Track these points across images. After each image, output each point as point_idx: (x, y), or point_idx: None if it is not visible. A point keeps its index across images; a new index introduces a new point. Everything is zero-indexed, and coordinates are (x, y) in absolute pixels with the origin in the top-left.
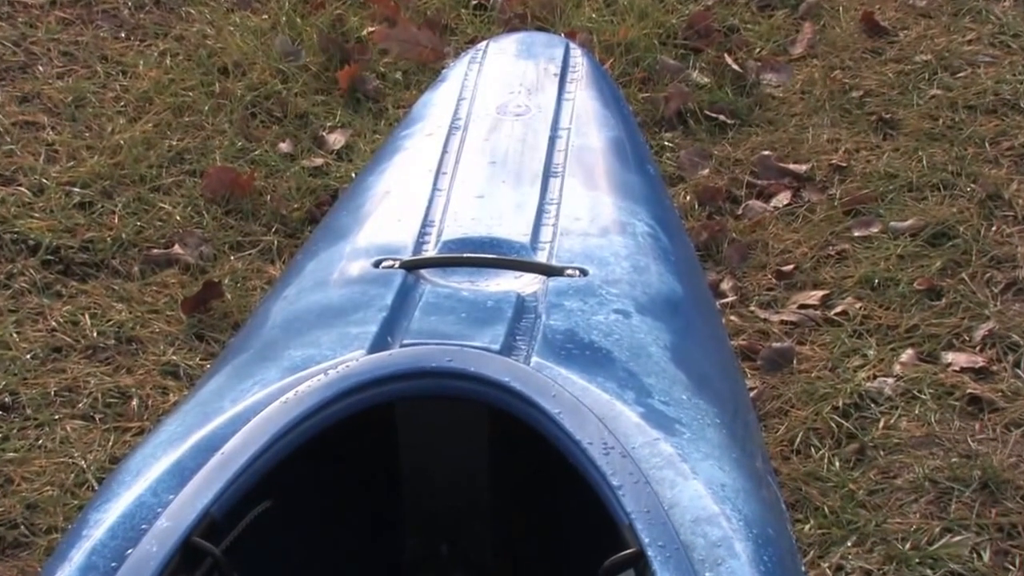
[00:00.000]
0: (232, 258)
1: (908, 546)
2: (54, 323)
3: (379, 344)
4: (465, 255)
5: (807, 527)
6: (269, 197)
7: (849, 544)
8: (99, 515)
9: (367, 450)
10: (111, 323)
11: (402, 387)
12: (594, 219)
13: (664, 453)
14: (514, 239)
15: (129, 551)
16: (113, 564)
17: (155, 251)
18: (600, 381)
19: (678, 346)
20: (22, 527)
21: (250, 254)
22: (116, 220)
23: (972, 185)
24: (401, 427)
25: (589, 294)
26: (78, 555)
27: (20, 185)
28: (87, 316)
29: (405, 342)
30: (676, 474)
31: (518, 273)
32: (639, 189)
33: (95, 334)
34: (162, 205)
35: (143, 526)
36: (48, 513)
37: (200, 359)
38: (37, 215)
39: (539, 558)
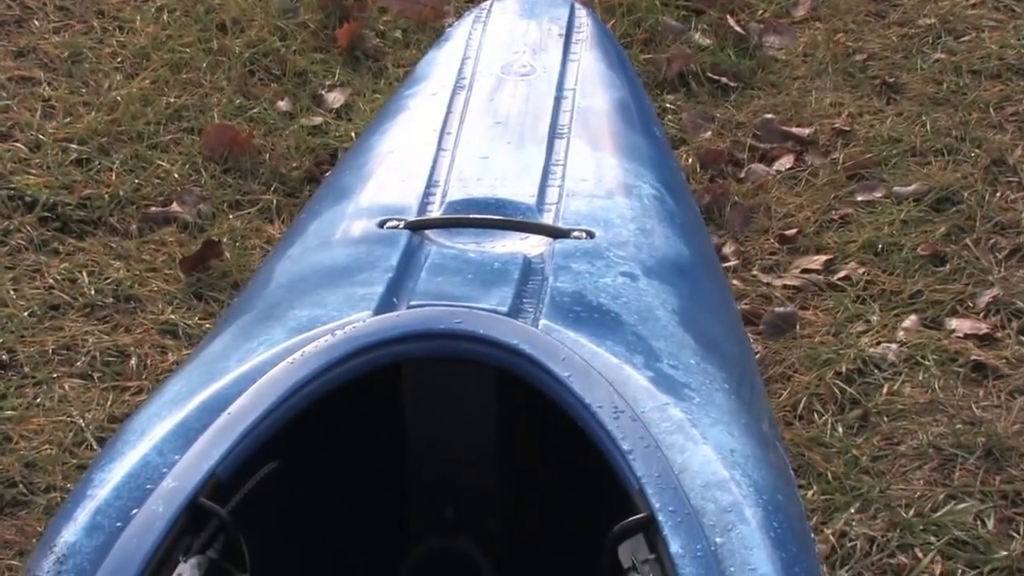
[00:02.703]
0: (231, 217)
1: (912, 513)
2: (51, 280)
3: (385, 305)
4: (470, 216)
5: (810, 493)
6: (268, 156)
7: (852, 510)
8: (104, 475)
9: (373, 413)
10: (109, 281)
11: (410, 348)
12: (600, 181)
13: (674, 418)
14: (520, 200)
15: (134, 511)
16: (118, 524)
17: (153, 209)
18: (609, 344)
19: (686, 310)
20: (21, 486)
21: (249, 213)
22: (114, 177)
23: (976, 150)
24: (407, 389)
25: (596, 256)
26: (83, 515)
27: (16, 141)
28: (85, 274)
29: (412, 303)
30: (686, 439)
31: (524, 235)
32: (645, 151)
33: (93, 292)
34: (160, 163)
35: (148, 486)
36: (47, 472)
37: (199, 318)
38: (34, 171)
39: (545, 525)
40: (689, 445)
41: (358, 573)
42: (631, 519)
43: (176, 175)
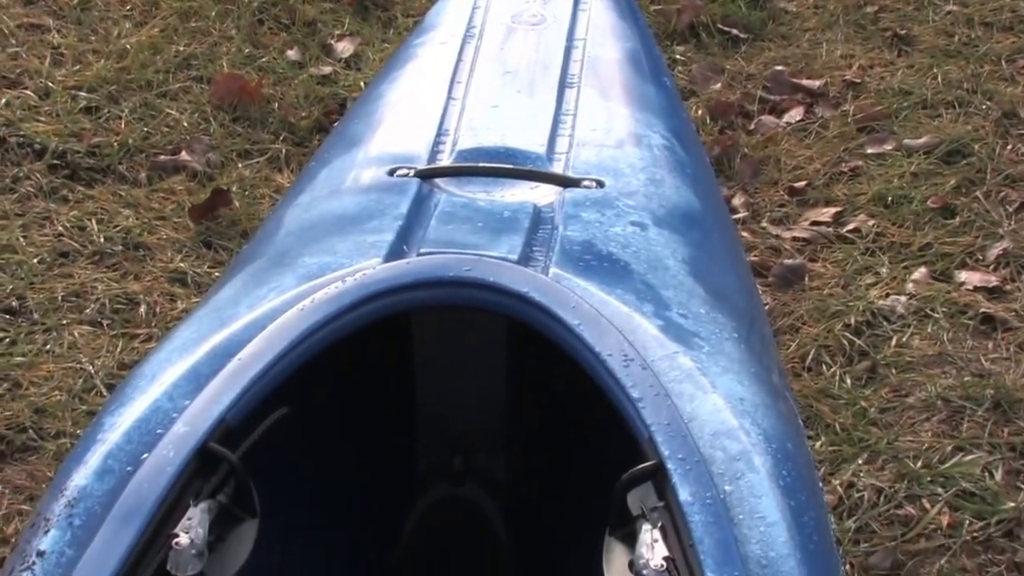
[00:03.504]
0: (240, 165)
1: (920, 464)
2: (61, 228)
3: (395, 252)
4: (480, 164)
5: (818, 444)
6: (277, 105)
7: (860, 461)
8: (114, 419)
9: (383, 360)
10: (118, 229)
11: (419, 296)
12: (610, 130)
13: (683, 367)
14: (530, 149)
15: (145, 455)
16: (129, 468)
17: (162, 157)
18: (619, 293)
19: (695, 259)
20: (30, 431)
21: (258, 162)
22: (123, 125)
23: (988, 103)
24: (417, 337)
25: (606, 205)
26: (94, 458)
27: (26, 88)
28: (94, 221)
29: (422, 251)
30: (695, 388)
31: (534, 184)
32: (655, 101)
33: (102, 240)
34: (169, 111)
35: (159, 431)
36: (56, 418)
37: (208, 266)
38: (43, 119)
39: (553, 473)
40: (699, 394)
41: (367, 520)
42: (640, 467)
43: (185, 124)
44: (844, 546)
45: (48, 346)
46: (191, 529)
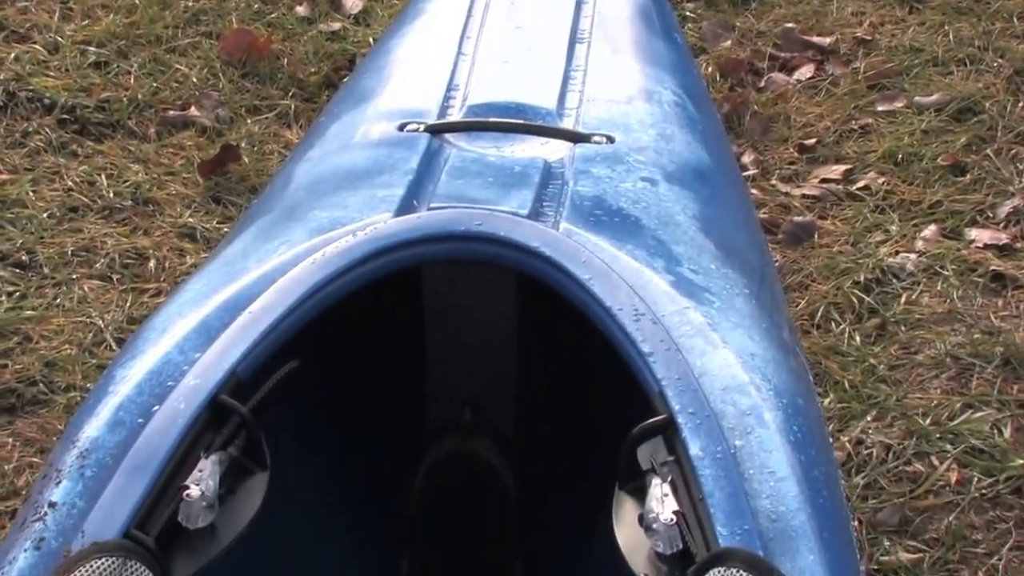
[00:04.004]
0: (249, 121)
1: (928, 421)
2: (70, 183)
3: (406, 207)
4: (491, 120)
5: (827, 401)
6: (286, 61)
7: (869, 419)
8: (125, 371)
9: (393, 314)
10: (127, 184)
11: (430, 250)
12: (621, 86)
13: (694, 321)
14: (540, 105)
15: (156, 408)
16: (140, 420)
17: (171, 113)
18: (629, 248)
19: (706, 215)
20: (41, 384)
21: (267, 118)
22: (132, 80)
23: (999, 60)
24: (427, 291)
25: (616, 161)
26: (105, 410)
27: (35, 43)
28: (103, 176)
29: (432, 205)
30: (706, 342)
31: (544, 139)
32: (666, 57)
33: (111, 195)
34: (178, 66)
35: (169, 383)
36: (67, 371)
37: (217, 222)
38: (52, 73)
39: (562, 428)
40: (709, 349)
41: (376, 474)
42: (650, 421)
43: (194, 79)
44: (852, 502)
45: (58, 300)
46: (202, 481)
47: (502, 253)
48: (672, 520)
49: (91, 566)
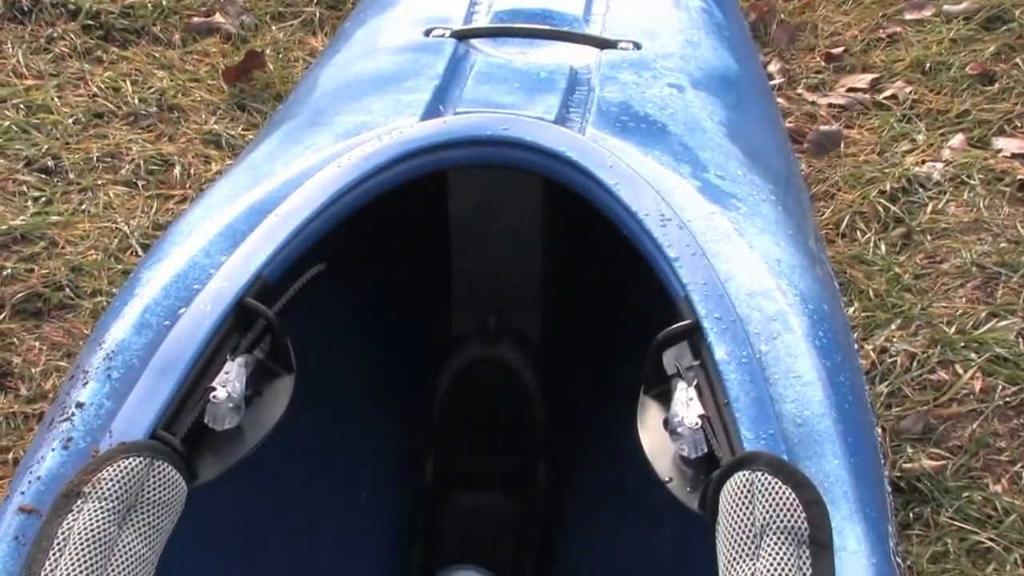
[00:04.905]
0: (273, 28)
1: (953, 330)
2: (95, 88)
3: (431, 112)
4: (517, 25)
5: (852, 310)
6: None
7: (894, 327)
8: (151, 274)
9: (419, 219)
10: (152, 90)
11: (456, 155)
12: None
13: (720, 227)
14: (566, 11)
15: (182, 310)
16: (167, 322)
17: (196, 19)
18: (656, 154)
19: (732, 121)
20: (67, 289)
21: (291, 25)
22: None
23: None
24: (453, 196)
25: (643, 67)
26: (131, 312)
27: None
28: (128, 83)
29: (458, 110)
30: (732, 248)
31: (570, 45)
32: None
33: (136, 101)
34: None
35: (195, 286)
36: (92, 276)
37: (242, 129)
38: None
39: (587, 335)
40: (735, 254)
41: (400, 381)
42: (676, 326)
43: None
44: (876, 410)
45: (84, 206)
46: (228, 383)
47: (528, 158)
48: (697, 424)
49: (119, 466)
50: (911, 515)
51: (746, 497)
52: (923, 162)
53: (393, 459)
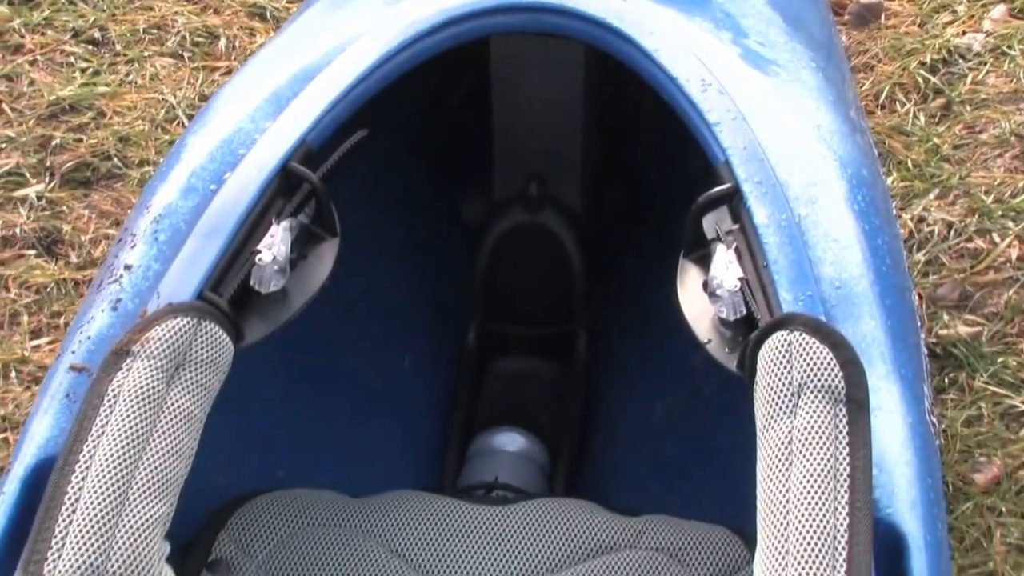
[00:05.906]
0: None
1: (991, 199)
2: None
3: None
4: None
5: (891, 180)
6: None
7: (931, 197)
8: (197, 139)
9: (461, 87)
10: None
11: (498, 21)
12: None
13: (761, 92)
14: None
15: (228, 175)
16: (212, 187)
17: None
18: (697, 20)
19: None
20: (115, 159)
21: None
22: None
23: None
24: (494, 63)
25: None
26: (178, 177)
27: None
28: None
29: None
30: (773, 113)
31: None
32: None
33: None
34: None
35: (241, 151)
36: (140, 147)
37: (286, 2)
38: None
39: (628, 201)
40: (776, 119)
41: (443, 246)
42: (716, 190)
43: None
44: (913, 278)
45: (130, 77)
46: (274, 246)
47: (570, 24)
48: (736, 286)
49: (167, 325)
50: (946, 380)
51: (784, 357)
52: (963, 33)
53: (436, 323)
